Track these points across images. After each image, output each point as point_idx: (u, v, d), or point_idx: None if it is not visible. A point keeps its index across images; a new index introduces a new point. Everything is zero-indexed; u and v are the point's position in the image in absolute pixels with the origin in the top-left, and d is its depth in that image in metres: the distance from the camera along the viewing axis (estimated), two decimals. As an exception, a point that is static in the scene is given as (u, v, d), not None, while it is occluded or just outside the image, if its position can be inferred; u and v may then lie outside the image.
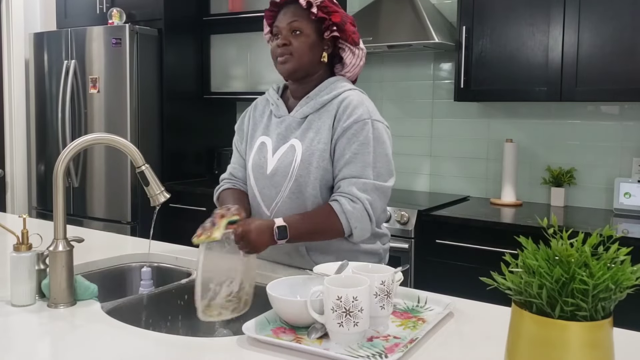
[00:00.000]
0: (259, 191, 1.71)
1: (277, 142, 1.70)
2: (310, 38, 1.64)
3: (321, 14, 1.63)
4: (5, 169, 4.21)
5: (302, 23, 1.63)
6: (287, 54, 1.64)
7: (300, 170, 1.62)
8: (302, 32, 1.63)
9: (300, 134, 1.66)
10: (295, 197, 1.64)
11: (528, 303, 0.87)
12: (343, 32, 1.65)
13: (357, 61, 1.71)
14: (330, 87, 1.68)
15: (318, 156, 1.62)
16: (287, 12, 1.65)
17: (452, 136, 3.41)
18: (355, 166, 1.58)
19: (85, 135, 1.42)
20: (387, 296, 1.21)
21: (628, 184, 2.84)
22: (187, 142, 3.94)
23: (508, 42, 2.88)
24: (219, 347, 1.16)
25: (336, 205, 1.57)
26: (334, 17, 1.64)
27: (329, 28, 1.64)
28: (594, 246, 0.87)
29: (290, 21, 1.63)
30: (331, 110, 1.64)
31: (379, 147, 1.61)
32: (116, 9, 3.76)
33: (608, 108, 2.98)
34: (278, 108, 1.75)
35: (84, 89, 3.76)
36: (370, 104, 1.66)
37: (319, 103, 1.66)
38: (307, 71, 1.67)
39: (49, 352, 1.16)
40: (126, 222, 3.63)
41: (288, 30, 1.64)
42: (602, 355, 0.84)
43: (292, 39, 1.63)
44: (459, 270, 2.70)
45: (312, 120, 1.66)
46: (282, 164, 1.66)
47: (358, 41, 1.69)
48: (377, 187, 1.59)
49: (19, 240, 1.38)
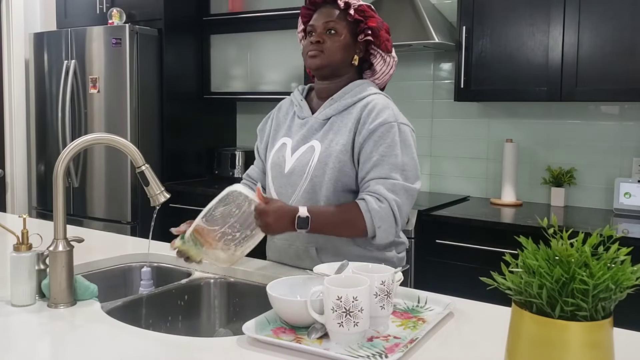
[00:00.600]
0: (276, 190, 1.71)
1: (297, 143, 1.69)
2: (344, 39, 1.64)
3: (357, 17, 1.63)
4: (5, 169, 4.21)
5: (337, 23, 1.63)
6: (319, 51, 1.64)
7: (316, 171, 1.62)
8: (336, 32, 1.64)
9: (322, 135, 1.66)
10: (309, 197, 1.63)
11: (528, 303, 0.87)
12: (377, 37, 1.66)
13: (388, 69, 1.71)
14: (355, 90, 1.68)
15: (335, 157, 1.61)
16: (323, 11, 1.66)
17: (452, 136, 3.41)
18: (383, 168, 1.57)
19: (85, 135, 1.42)
20: (387, 296, 1.20)
21: (628, 184, 2.84)
22: (187, 142, 3.94)
23: (508, 42, 2.88)
24: (219, 347, 1.16)
25: (362, 203, 1.55)
26: (370, 22, 1.64)
27: (364, 31, 1.65)
28: (594, 246, 0.87)
29: (326, 21, 1.64)
30: (354, 113, 1.63)
31: (406, 149, 1.60)
32: (116, 9, 3.76)
33: (608, 108, 2.98)
34: (301, 109, 1.74)
35: (84, 89, 3.76)
36: (395, 108, 1.65)
37: (342, 105, 1.66)
38: (336, 70, 1.67)
39: (49, 352, 1.16)
40: (126, 222, 3.63)
41: (323, 29, 1.64)
42: (602, 355, 0.84)
43: (326, 38, 1.64)
44: (459, 270, 2.70)
45: (334, 122, 1.66)
46: (300, 164, 1.65)
47: (391, 49, 1.69)
48: (406, 189, 1.57)
49: (19, 240, 1.38)
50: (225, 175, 3.95)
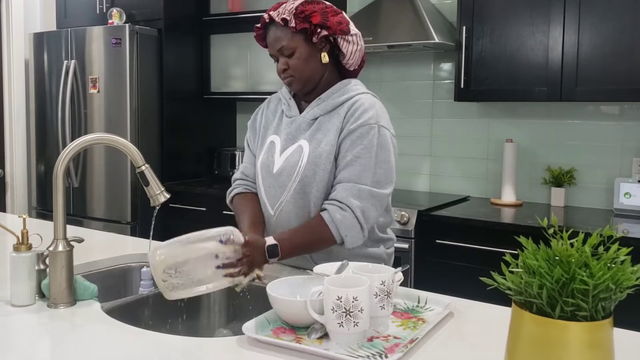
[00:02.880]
0: (265, 190, 1.71)
1: (285, 142, 1.69)
2: (303, 52, 1.62)
3: (300, 25, 1.59)
4: (5, 169, 4.21)
5: (288, 42, 1.61)
6: (290, 77, 1.64)
7: (306, 171, 1.62)
8: (292, 51, 1.61)
9: (309, 135, 1.66)
10: (299, 197, 1.64)
11: (528, 303, 0.87)
12: (329, 28, 1.61)
13: (354, 47, 1.67)
14: (343, 89, 1.67)
15: (325, 158, 1.61)
16: (271, 35, 1.64)
17: (452, 136, 3.41)
18: (354, 169, 1.57)
19: (85, 135, 1.42)
20: (387, 296, 1.20)
21: (628, 184, 2.84)
22: (187, 142, 3.94)
23: (508, 42, 2.88)
24: (219, 347, 1.16)
25: (325, 215, 1.57)
26: (314, 19, 1.59)
27: (315, 32, 1.60)
28: (594, 246, 0.87)
29: (279, 47, 1.62)
30: (341, 113, 1.64)
31: (382, 153, 1.59)
32: (116, 9, 3.76)
33: (608, 108, 2.98)
34: (290, 108, 1.74)
35: (84, 89, 3.76)
36: (380, 109, 1.65)
37: (330, 105, 1.66)
38: (313, 80, 1.66)
39: (49, 352, 1.16)
40: (126, 222, 3.63)
41: (280, 54, 1.63)
42: (602, 355, 0.84)
43: (288, 61, 1.62)
44: (459, 270, 2.70)
45: (322, 122, 1.66)
46: (289, 164, 1.65)
47: (347, 29, 1.64)
48: (372, 195, 1.57)
49: (19, 241, 1.38)
50: (225, 175, 3.95)
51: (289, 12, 1.60)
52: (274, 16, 1.61)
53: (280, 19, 1.59)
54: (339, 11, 1.66)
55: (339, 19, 1.64)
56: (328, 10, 1.63)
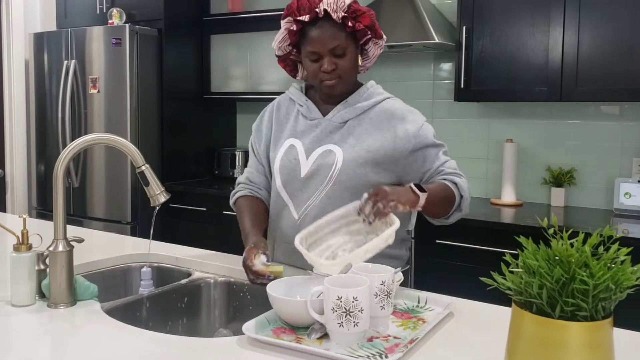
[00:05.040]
0: (289, 193, 1.65)
1: (310, 145, 1.65)
2: (354, 54, 1.59)
3: (359, 25, 1.55)
4: (5, 169, 4.21)
5: (343, 42, 1.55)
6: (336, 78, 1.59)
7: (340, 176, 1.59)
8: (344, 52, 1.56)
9: (339, 138, 1.62)
10: (330, 201, 1.59)
11: (528, 303, 0.87)
12: (374, 31, 1.60)
13: (378, 51, 1.67)
14: (368, 92, 1.66)
15: (361, 163, 1.58)
16: (323, 31, 1.54)
17: (452, 136, 3.41)
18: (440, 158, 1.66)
19: (85, 135, 1.42)
20: (387, 296, 1.21)
21: (628, 184, 2.84)
22: (187, 142, 3.94)
23: (508, 42, 2.88)
24: (219, 347, 1.16)
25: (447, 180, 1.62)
26: (364, 20, 1.56)
27: (365, 34, 1.58)
28: (594, 246, 0.87)
29: (333, 46, 1.54)
30: (374, 118, 1.62)
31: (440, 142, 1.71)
32: (116, 9, 3.76)
33: (608, 108, 2.98)
34: (309, 110, 1.69)
35: (84, 89, 3.76)
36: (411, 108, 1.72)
37: (358, 109, 1.64)
38: (352, 82, 1.66)
39: (49, 352, 1.16)
40: (126, 222, 3.63)
41: (330, 54, 1.56)
42: (602, 355, 0.84)
43: (337, 61, 1.56)
44: (459, 270, 2.70)
45: (353, 126, 1.63)
46: (321, 168, 1.61)
47: (381, 33, 1.64)
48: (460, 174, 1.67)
49: (19, 241, 1.38)
50: (225, 176, 3.95)
51: (341, 10, 1.53)
52: (330, 12, 1.52)
53: (340, 18, 1.53)
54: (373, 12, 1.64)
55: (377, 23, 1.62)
56: (372, 12, 1.60)
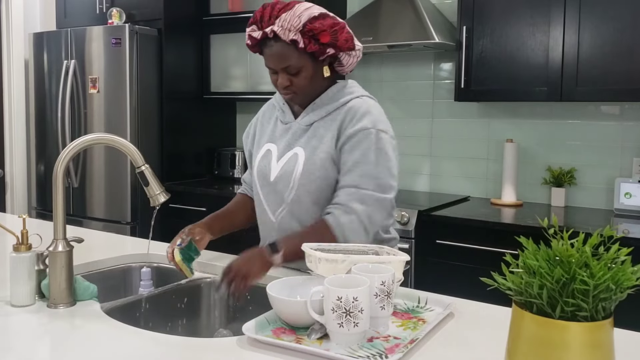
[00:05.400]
0: (265, 197, 1.69)
1: (282, 149, 1.67)
2: (310, 71, 1.56)
3: (311, 47, 1.51)
4: (5, 169, 4.21)
5: (296, 61, 1.53)
6: (291, 93, 1.59)
7: (302, 179, 1.60)
8: (299, 71, 1.55)
9: (305, 141, 1.63)
10: (298, 205, 1.62)
11: (528, 303, 0.87)
12: (337, 47, 1.56)
13: (354, 59, 1.66)
14: (337, 94, 1.64)
15: (320, 165, 1.59)
16: (273, 50, 1.54)
17: (452, 136, 3.41)
18: (356, 175, 1.54)
19: (85, 135, 1.42)
20: (387, 296, 1.20)
21: (628, 184, 2.84)
22: (187, 142, 3.94)
23: (508, 42, 2.88)
24: (219, 348, 1.16)
25: (330, 218, 1.53)
26: (323, 39, 1.52)
27: (323, 52, 1.54)
28: (594, 246, 0.87)
29: (284, 66, 1.54)
30: (337, 119, 1.61)
31: (382, 158, 1.56)
32: (116, 9, 3.76)
33: (608, 108, 2.98)
34: (284, 114, 1.71)
35: (83, 89, 3.76)
36: (378, 113, 1.62)
37: (325, 110, 1.63)
38: (314, 94, 1.64)
39: (48, 352, 1.16)
40: (126, 222, 3.63)
41: (284, 72, 1.56)
42: (603, 355, 0.84)
43: (292, 78, 1.56)
44: (459, 270, 2.70)
45: (317, 128, 1.63)
46: (285, 172, 1.63)
47: (353, 45, 1.61)
48: (376, 199, 1.54)
49: (18, 241, 1.38)
50: (225, 176, 3.95)
51: (295, 29, 1.50)
52: (280, 33, 1.50)
53: (289, 40, 1.50)
54: (344, 24, 1.59)
55: (346, 36, 1.58)
56: (336, 27, 1.55)
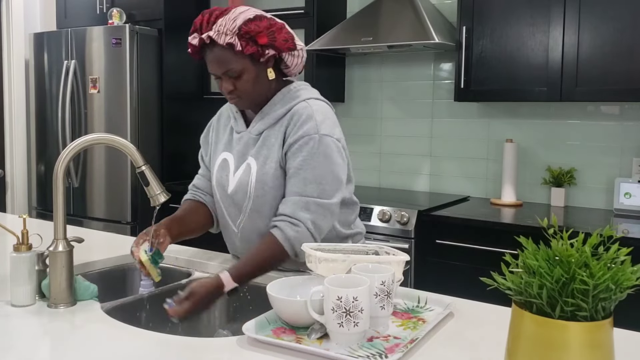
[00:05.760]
0: (225, 209, 1.68)
1: (237, 160, 1.65)
2: (251, 73, 1.54)
3: (248, 49, 1.49)
4: (5, 169, 4.21)
5: (235, 65, 1.51)
6: (236, 98, 1.58)
7: (257, 191, 1.58)
8: (240, 73, 1.53)
9: (256, 151, 1.61)
10: (256, 216, 1.60)
11: (528, 303, 0.87)
12: (276, 48, 1.53)
13: (299, 60, 1.62)
14: (284, 99, 1.62)
15: (272, 175, 1.57)
16: (213, 56, 1.53)
17: (452, 136, 3.41)
18: (298, 182, 1.53)
19: (85, 135, 1.42)
20: (387, 296, 1.20)
21: (628, 184, 2.84)
22: (187, 142, 3.93)
23: (508, 42, 2.88)
24: (219, 347, 1.16)
25: (277, 232, 1.50)
26: (261, 40, 1.50)
27: (262, 54, 1.52)
28: (594, 246, 0.87)
29: (224, 71, 1.52)
30: (283, 126, 1.59)
31: (324, 162, 1.53)
32: (116, 9, 3.76)
33: (608, 108, 2.98)
34: (237, 123, 1.68)
35: (84, 89, 3.76)
36: (320, 116, 1.57)
37: (272, 118, 1.60)
38: (261, 97, 1.61)
39: (49, 352, 1.16)
40: (126, 222, 3.63)
41: (225, 76, 1.54)
42: (602, 355, 0.84)
43: (235, 83, 1.55)
44: (459, 270, 2.70)
45: (267, 137, 1.61)
46: (241, 184, 1.61)
47: (294, 45, 1.57)
48: (320, 205, 1.52)
49: (19, 241, 1.38)
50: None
51: (231, 32, 1.49)
52: (216, 38, 1.50)
53: (225, 43, 1.49)
54: (283, 24, 1.57)
55: (285, 36, 1.55)
56: (273, 27, 1.53)
